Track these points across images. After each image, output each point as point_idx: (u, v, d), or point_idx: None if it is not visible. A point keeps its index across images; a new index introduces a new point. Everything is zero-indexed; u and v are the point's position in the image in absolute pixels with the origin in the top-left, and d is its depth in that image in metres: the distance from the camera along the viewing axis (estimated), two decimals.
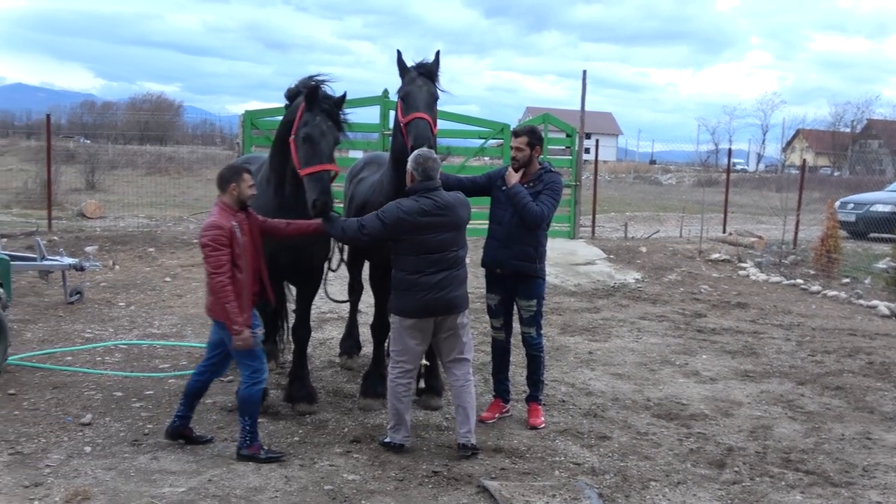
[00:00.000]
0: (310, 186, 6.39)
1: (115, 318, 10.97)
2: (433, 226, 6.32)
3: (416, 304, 6.41)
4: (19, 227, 17.62)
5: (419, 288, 6.36)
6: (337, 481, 5.95)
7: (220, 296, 6.12)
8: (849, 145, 78.68)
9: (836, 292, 14.63)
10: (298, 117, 6.55)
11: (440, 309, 6.44)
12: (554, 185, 7.16)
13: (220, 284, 6.10)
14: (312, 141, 6.45)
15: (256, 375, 6.33)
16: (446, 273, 6.39)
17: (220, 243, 6.10)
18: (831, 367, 9.67)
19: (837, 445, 7.14)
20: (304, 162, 6.46)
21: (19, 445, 6.43)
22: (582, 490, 5.89)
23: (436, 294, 6.36)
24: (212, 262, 6.12)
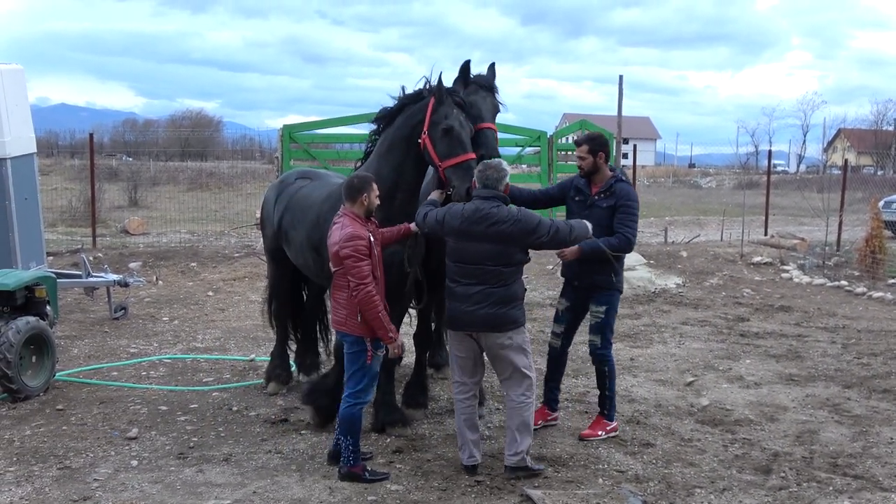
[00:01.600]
0: (458, 176, 6.36)
1: (159, 333, 11.10)
2: (471, 234, 6.17)
3: (451, 314, 6.35)
4: (65, 245, 17.89)
5: (454, 298, 6.28)
6: (381, 492, 5.96)
7: (369, 307, 5.97)
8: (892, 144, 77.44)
9: (882, 293, 14.41)
10: (429, 115, 6.53)
11: (473, 324, 6.21)
12: (627, 201, 6.93)
13: (369, 295, 5.97)
14: (453, 132, 6.46)
15: (361, 395, 6.22)
16: (483, 287, 6.16)
17: (362, 253, 6.00)
18: (878, 370, 9.52)
19: (886, 449, 7.03)
20: (446, 154, 6.43)
21: (68, 460, 6.52)
22: (626, 498, 5.85)
23: (468, 307, 6.18)
24: (356, 272, 5.98)
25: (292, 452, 6.76)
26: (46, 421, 7.47)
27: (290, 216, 7.78)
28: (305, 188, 7.84)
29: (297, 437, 7.14)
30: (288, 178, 8.35)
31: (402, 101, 6.90)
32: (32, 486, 6.02)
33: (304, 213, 7.51)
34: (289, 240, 7.79)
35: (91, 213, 18.95)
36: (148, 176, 34.37)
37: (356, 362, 6.20)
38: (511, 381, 6.34)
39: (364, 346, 6.14)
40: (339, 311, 6.22)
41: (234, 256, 16.93)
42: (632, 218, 6.94)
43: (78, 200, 24.05)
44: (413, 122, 6.70)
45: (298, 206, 7.68)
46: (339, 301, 6.20)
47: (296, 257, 7.79)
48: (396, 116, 6.89)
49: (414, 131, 6.68)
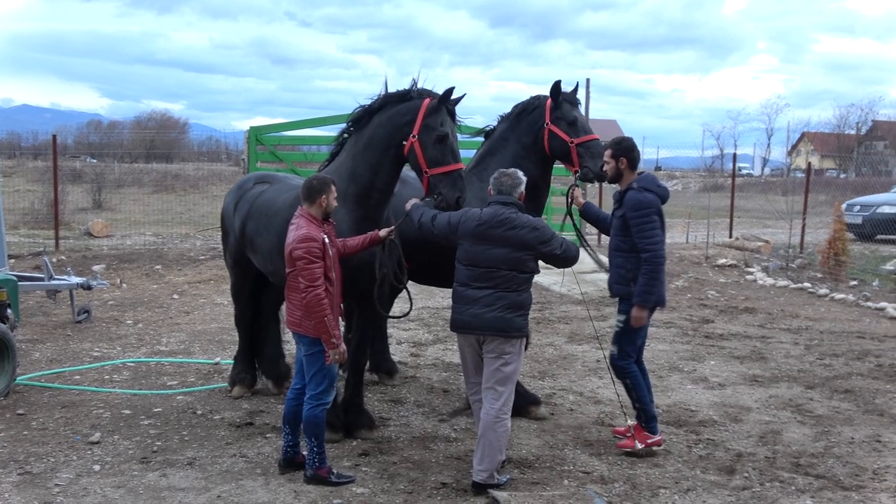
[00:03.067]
0: (447, 185, 6.40)
1: (122, 336, 10.99)
2: (488, 237, 6.14)
3: (459, 317, 6.26)
4: (27, 247, 17.67)
5: (463, 301, 6.21)
6: (346, 495, 5.95)
7: (316, 309, 5.93)
8: (854, 147, 78.54)
9: (844, 295, 14.59)
10: (421, 118, 6.51)
11: (481, 327, 6.12)
12: (634, 212, 6.70)
13: (318, 297, 5.92)
14: (448, 140, 6.48)
15: (323, 396, 6.18)
16: (494, 291, 6.11)
17: (315, 255, 5.96)
18: (840, 371, 9.64)
19: (847, 449, 7.12)
20: (435, 161, 6.45)
21: (28, 465, 6.44)
22: (591, 499, 5.87)
23: (478, 310, 6.11)
24: (307, 275, 5.94)
25: (257, 456, 6.72)
26: (7, 426, 7.36)
27: (254, 223, 7.65)
28: (266, 193, 7.74)
29: (263, 440, 7.10)
30: (245, 184, 8.22)
31: (385, 98, 6.84)
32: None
33: (271, 219, 7.39)
34: (255, 247, 7.67)
35: (54, 215, 18.76)
36: (112, 178, 34.01)
37: (315, 364, 6.15)
38: (495, 391, 6.15)
39: (321, 348, 6.10)
40: (293, 313, 6.19)
41: (199, 259, 16.83)
42: (645, 229, 6.65)
43: (41, 202, 23.76)
44: (399, 122, 6.65)
45: (262, 213, 7.57)
46: (294, 302, 6.17)
47: (264, 265, 7.65)
48: (375, 115, 6.84)
49: (399, 131, 6.64)
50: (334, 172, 6.86)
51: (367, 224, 6.76)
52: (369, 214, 6.81)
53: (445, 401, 8.28)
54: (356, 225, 6.71)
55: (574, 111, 7.42)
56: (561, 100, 7.40)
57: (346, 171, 6.86)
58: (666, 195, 6.90)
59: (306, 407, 6.16)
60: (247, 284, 8.29)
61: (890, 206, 21.61)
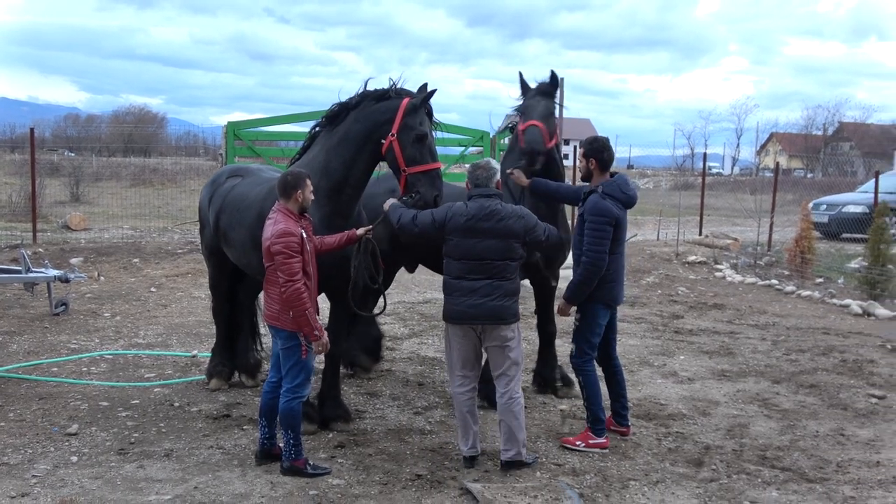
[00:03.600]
0: (425, 183, 6.46)
1: (100, 329, 10.92)
2: (478, 231, 6.23)
3: (456, 308, 6.33)
4: (4, 239, 17.50)
5: (459, 293, 6.28)
6: (322, 486, 5.94)
7: (296, 304, 5.92)
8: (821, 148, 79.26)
9: (810, 292, 14.73)
10: (400, 118, 6.53)
11: (479, 317, 6.26)
12: (590, 216, 6.70)
13: (298, 292, 5.91)
14: (427, 140, 6.51)
15: (299, 389, 6.17)
16: (489, 281, 6.23)
17: (293, 250, 5.94)
18: (805, 366, 9.74)
19: (812, 442, 7.19)
20: (413, 160, 6.49)
21: (5, 456, 6.39)
22: (563, 490, 5.90)
23: (476, 300, 6.23)
24: (286, 269, 5.92)
25: (234, 448, 6.70)
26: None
27: (227, 217, 7.61)
28: (239, 186, 7.69)
29: (240, 432, 7.08)
30: (219, 178, 8.16)
31: (362, 95, 6.82)
32: None
33: (244, 213, 7.35)
34: (229, 240, 7.63)
35: (32, 208, 18.57)
36: (90, 171, 33.68)
37: (291, 357, 6.14)
38: (507, 376, 6.39)
39: (298, 341, 6.09)
40: (271, 307, 6.17)
41: (177, 252, 16.73)
42: (594, 234, 6.67)
43: (18, 195, 23.50)
44: (378, 120, 6.65)
45: (235, 207, 7.53)
46: (272, 296, 6.15)
47: (238, 258, 7.62)
48: (352, 111, 6.83)
49: (377, 129, 6.64)
50: (307, 166, 6.83)
51: (337, 219, 6.77)
52: (340, 210, 6.83)
53: (420, 394, 8.29)
54: (327, 219, 6.71)
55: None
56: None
57: (319, 165, 6.85)
58: (631, 201, 6.88)
59: (283, 399, 6.15)
60: (224, 277, 8.24)
61: (855, 205, 21.81)
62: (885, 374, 9.43)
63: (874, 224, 14.46)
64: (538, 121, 7.33)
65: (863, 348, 10.72)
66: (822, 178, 52.68)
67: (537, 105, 7.47)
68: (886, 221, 14.70)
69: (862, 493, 6.09)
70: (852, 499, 5.99)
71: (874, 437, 7.37)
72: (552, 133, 7.44)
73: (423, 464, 6.42)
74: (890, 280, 14.24)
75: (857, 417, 7.90)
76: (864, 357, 10.22)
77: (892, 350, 10.64)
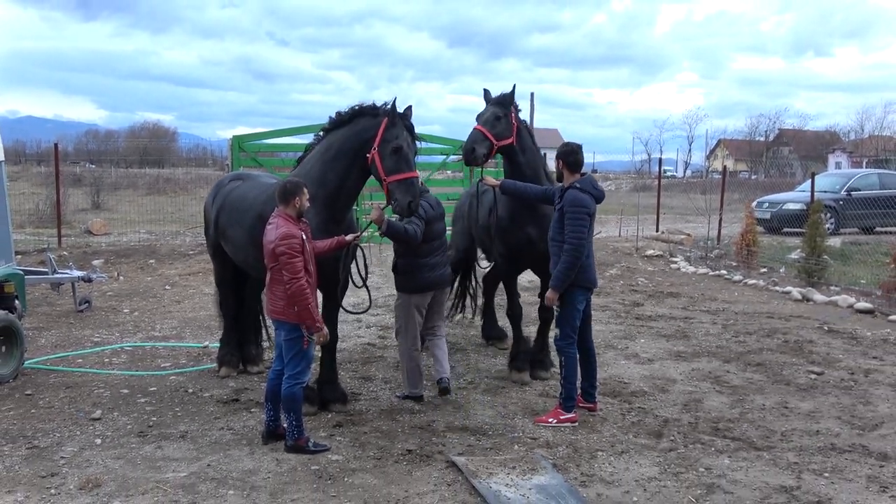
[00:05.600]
0: (401, 191, 6.47)
1: (120, 324, 10.84)
2: (436, 217, 7.21)
3: (422, 281, 7.20)
4: (32, 244, 17.34)
5: (427, 268, 7.18)
6: (322, 462, 5.92)
7: (300, 299, 5.94)
8: (763, 152, 79.71)
9: (755, 281, 14.80)
10: (381, 133, 6.55)
11: (440, 283, 7.38)
12: (571, 207, 6.81)
13: (301, 288, 5.94)
14: (402, 152, 6.52)
15: (300, 376, 6.17)
16: (441, 256, 7.32)
17: (295, 251, 5.96)
18: (752, 346, 9.78)
19: (759, 414, 7.22)
20: (391, 170, 6.51)
21: (36, 440, 6.33)
22: (539, 461, 5.91)
23: (437, 272, 7.25)
24: (290, 268, 5.94)
25: (243, 429, 6.67)
26: (16, 405, 7.24)
27: (226, 216, 7.60)
28: (238, 189, 7.68)
29: (248, 414, 7.04)
30: (223, 181, 8.17)
31: (359, 110, 6.83)
32: (3, 464, 5.82)
33: (243, 213, 7.32)
34: (227, 237, 7.60)
35: (56, 215, 18.42)
36: (109, 181, 33.41)
37: (294, 348, 6.14)
38: (441, 323, 7.64)
39: (300, 333, 6.09)
40: (276, 303, 6.14)
41: (189, 254, 16.64)
42: (575, 223, 6.77)
43: (44, 204, 23.29)
44: (365, 137, 6.66)
45: (234, 207, 7.51)
46: (276, 293, 6.12)
47: (235, 253, 7.60)
48: (344, 127, 6.84)
49: (365, 145, 6.65)
50: (305, 176, 6.83)
51: (333, 225, 6.77)
52: (336, 216, 6.83)
53: None
54: (324, 225, 6.69)
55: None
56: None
57: (317, 175, 6.84)
58: (602, 196, 7.05)
59: (285, 385, 6.13)
60: (228, 272, 8.17)
61: (794, 203, 21.89)
62: (823, 353, 9.48)
63: (811, 219, 14.52)
64: (480, 125, 7.56)
65: (803, 330, 10.78)
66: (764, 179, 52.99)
67: (484, 112, 7.68)
68: (821, 217, 14.79)
69: (804, 459, 6.12)
70: (795, 464, 6.01)
71: (814, 408, 7.41)
72: (499, 134, 7.54)
73: (413, 440, 6.41)
74: (825, 269, 14.32)
75: (799, 391, 7.94)
76: (804, 338, 10.27)
77: (828, 331, 10.70)
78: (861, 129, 72.88)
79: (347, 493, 5.39)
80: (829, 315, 11.86)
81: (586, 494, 5.41)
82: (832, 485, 5.65)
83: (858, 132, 73.05)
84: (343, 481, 5.57)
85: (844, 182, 23.13)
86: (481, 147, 7.44)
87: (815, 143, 75.66)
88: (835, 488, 5.59)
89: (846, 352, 9.58)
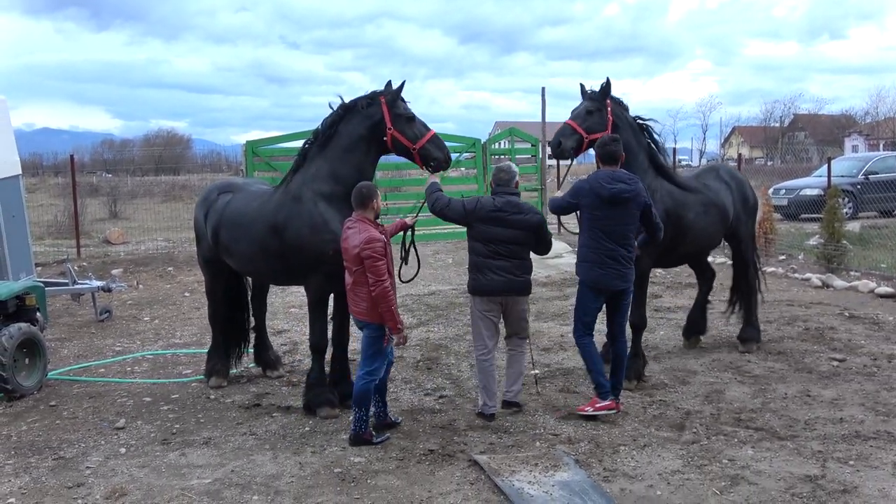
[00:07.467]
0: (434, 148, 6.87)
1: (141, 332, 10.92)
2: (502, 220, 6.69)
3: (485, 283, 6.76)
4: (52, 256, 17.49)
5: (489, 270, 6.73)
6: (345, 464, 5.94)
7: (385, 300, 6.11)
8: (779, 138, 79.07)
9: (774, 268, 14.72)
10: (388, 112, 6.84)
11: (505, 290, 6.75)
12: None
13: (386, 290, 6.11)
14: (415, 118, 6.92)
15: (374, 373, 6.33)
16: (512, 261, 6.73)
17: (379, 254, 6.12)
18: (773, 335, 9.72)
19: (781, 404, 7.18)
20: (416, 137, 6.86)
21: (62, 451, 6.39)
22: (561, 458, 5.90)
23: (501, 276, 6.70)
24: (374, 271, 6.09)
25: (265, 434, 6.70)
26: (41, 416, 7.31)
27: (228, 233, 7.48)
28: (234, 203, 7.56)
29: (270, 419, 7.07)
30: (209, 195, 7.95)
31: (355, 100, 7.01)
32: (30, 476, 5.88)
33: (248, 227, 7.26)
34: (232, 253, 7.53)
35: (75, 225, 18.57)
36: (126, 190, 33.67)
37: (374, 346, 6.30)
38: (518, 336, 7.00)
39: (382, 332, 6.25)
40: (360, 304, 6.28)
41: None
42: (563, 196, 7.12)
43: (62, 215, 23.46)
44: (373, 122, 6.89)
45: (235, 223, 7.41)
46: (360, 295, 6.26)
47: (242, 266, 7.64)
48: (346, 117, 6.99)
49: (376, 130, 6.88)
50: (315, 178, 6.92)
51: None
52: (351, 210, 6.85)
53: (429, 377, 8.29)
54: (346, 219, 6.70)
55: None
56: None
57: (326, 174, 6.95)
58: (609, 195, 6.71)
59: (360, 381, 6.30)
60: (219, 284, 8.15)
61: (811, 188, 21.72)
62: (844, 339, 9.41)
63: (828, 205, 14.42)
64: (570, 119, 7.65)
65: (823, 317, 10.71)
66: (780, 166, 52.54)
67: (577, 107, 7.78)
68: (839, 202, 14.68)
69: (828, 448, 6.08)
70: (820, 453, 5.98)
71: (837, 396, 7.36)
72: (590, 128, 7.57)
73: (435, 440, 6.42)
74: (844, 254, 14.22)
75: (821, 379, 7.89)
76: (825, 325, 10.20)
77: (849, 317, 10.63)
78: (876, 112, 72.19)
79: (371, 494, 5.40)
80: (849, 301, 11.77)
81: (609, 490, 5.40)
82: (857, 473, 5.61)
83: (874, 115, 72.35)
84: (366, 483, 5.59)
85: (861, 166, 22.94)
86: (569, 140, 7.54)
87: (831, 127, 74.97)
88: (860, 476, 5.55)
89: (868, 337, 9.51)
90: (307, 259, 6.88)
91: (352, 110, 6.99)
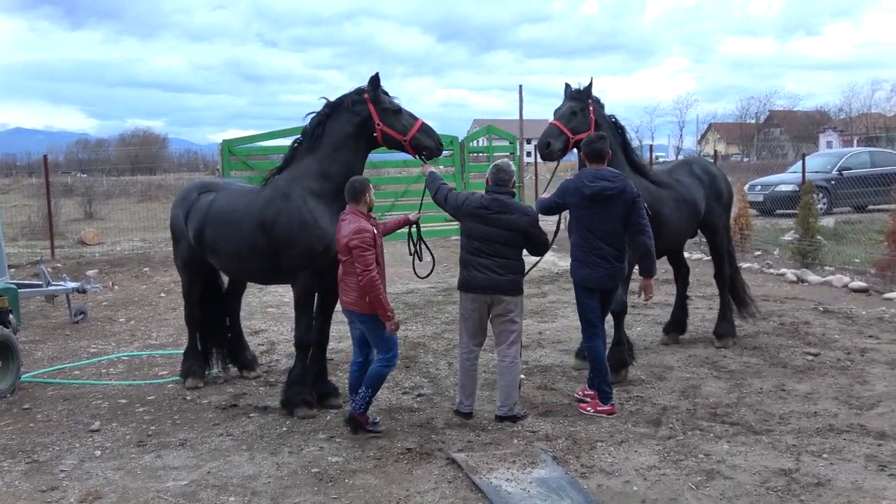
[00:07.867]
0: (425, 136, 6.94)
1: (116, 333, 10.83)
2: (488, 219, 6.61)
3: (471, 279, 6.68)
4: (25, 257, 17.30)
5: (475, 267, 6.64)
6: (322, 464, 5.93)
7: (373, 289, 6.18)
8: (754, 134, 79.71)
9: (750, 264, 14.83)
10: (374, 108, 6.90)
11: (490, 287, 6.60)
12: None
13: (374, 280, 6.18)
14: (401, 109, 6.97)
15: (392, 360, 6.46)
16: (498, 259, 6.59)
17: (368, 244, 6.20)
18: (748, 330, 9.79)
19: (757, 398, 7.24)
20: (405, 128, 6.93)
21: (35, 454, 6.32)
22: (538, 455, 5.92)
23: (487, 274, 6.58)
24: (363, 261, 6.17)
25: (242, 434, 6.66)
26: (14, 420, 7.22)
27: (214, 231, 7.41)
28: (219, 201, 7.50)
29: (246, 420, 7.04)
30: (189, 195, 7.85)
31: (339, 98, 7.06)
32: (3, 480, 5.81)
33: (237, 224, 7.22)
34: (218, 251, 7.47)
35: (49, 226, 18.40)
36: (101, 190, 33.32)
37: (377, 336, 6.38)
38: (508, 342, 6.73)
39: (379, 321, 6.32)
40: (349, 294, 6.37)
41: None
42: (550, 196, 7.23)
43: (36, 216, 23.21)
44: (360, 119, 6.94)
45: (222, 220, 7.36)
46: (350, 285, 6.35)
47: (227, 265, 7.62)
48: (327, 122, 7.01)
49: (364, 126, 6.94)
50: (304, 176, 6.92)
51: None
52: (344, 205, 6.84)
53: (407, 375, 8.27)
54: (335, 216, 6.74)
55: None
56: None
57: (315, 172, 6.97)
58: (592, 192, 6.79)
59: (376, 364, 6.42)
60: (196, 286, 8.09)
61: (786, 184, 21.89)
62: (819, 334, 9.51)
63: (803, 201, 14.56)
64: (555, 119, 7.66)
65: (798, 311, 10.81)
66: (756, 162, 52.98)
67: (561, 107, 7.79)
68: (814, 198, 14.83)
69: (803, 441, 6.14)
70: (794, 447, 6.03)
71: (811, 390, 7.43)
72: (575, 128, 7.59)
73: (413, 438, 6.41)
74: (819, 249, 14.36)
75: (796, 374, 7.97)
76: (800, 319, 10.30)
77: (823, 312, 10.74)
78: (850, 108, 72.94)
79: (348, 494, 5.39)
80: (824, 295, 11.89)
81: (587, 486, 5.42)
82: (831, 466, 5.67)
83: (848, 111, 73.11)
84: (343, 483, 5.58)
85: (836, 162, 23.15)
86: (556, 141, 7.55)
87: (806, 123, 75.72)
88: (833, 469, 5.61)
89: (842, 332, 9.61)
90: (296, 256, 6.89)
91: (338, 108, 7.04)
